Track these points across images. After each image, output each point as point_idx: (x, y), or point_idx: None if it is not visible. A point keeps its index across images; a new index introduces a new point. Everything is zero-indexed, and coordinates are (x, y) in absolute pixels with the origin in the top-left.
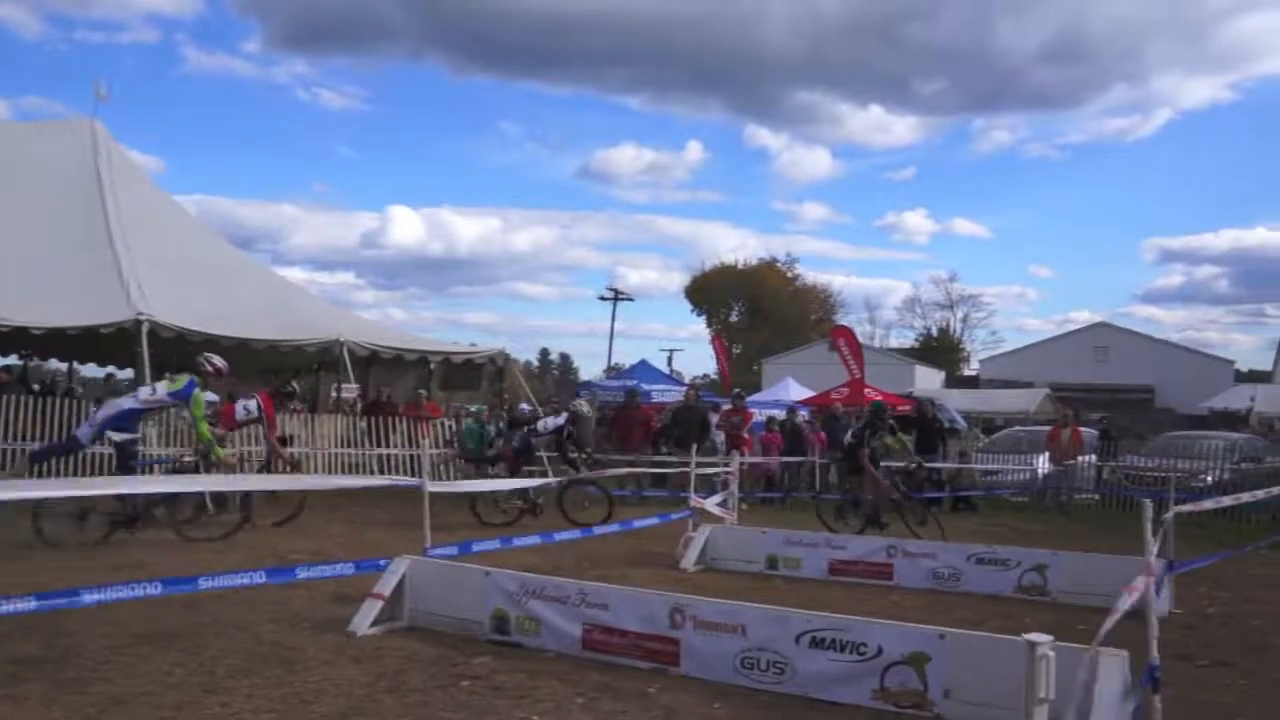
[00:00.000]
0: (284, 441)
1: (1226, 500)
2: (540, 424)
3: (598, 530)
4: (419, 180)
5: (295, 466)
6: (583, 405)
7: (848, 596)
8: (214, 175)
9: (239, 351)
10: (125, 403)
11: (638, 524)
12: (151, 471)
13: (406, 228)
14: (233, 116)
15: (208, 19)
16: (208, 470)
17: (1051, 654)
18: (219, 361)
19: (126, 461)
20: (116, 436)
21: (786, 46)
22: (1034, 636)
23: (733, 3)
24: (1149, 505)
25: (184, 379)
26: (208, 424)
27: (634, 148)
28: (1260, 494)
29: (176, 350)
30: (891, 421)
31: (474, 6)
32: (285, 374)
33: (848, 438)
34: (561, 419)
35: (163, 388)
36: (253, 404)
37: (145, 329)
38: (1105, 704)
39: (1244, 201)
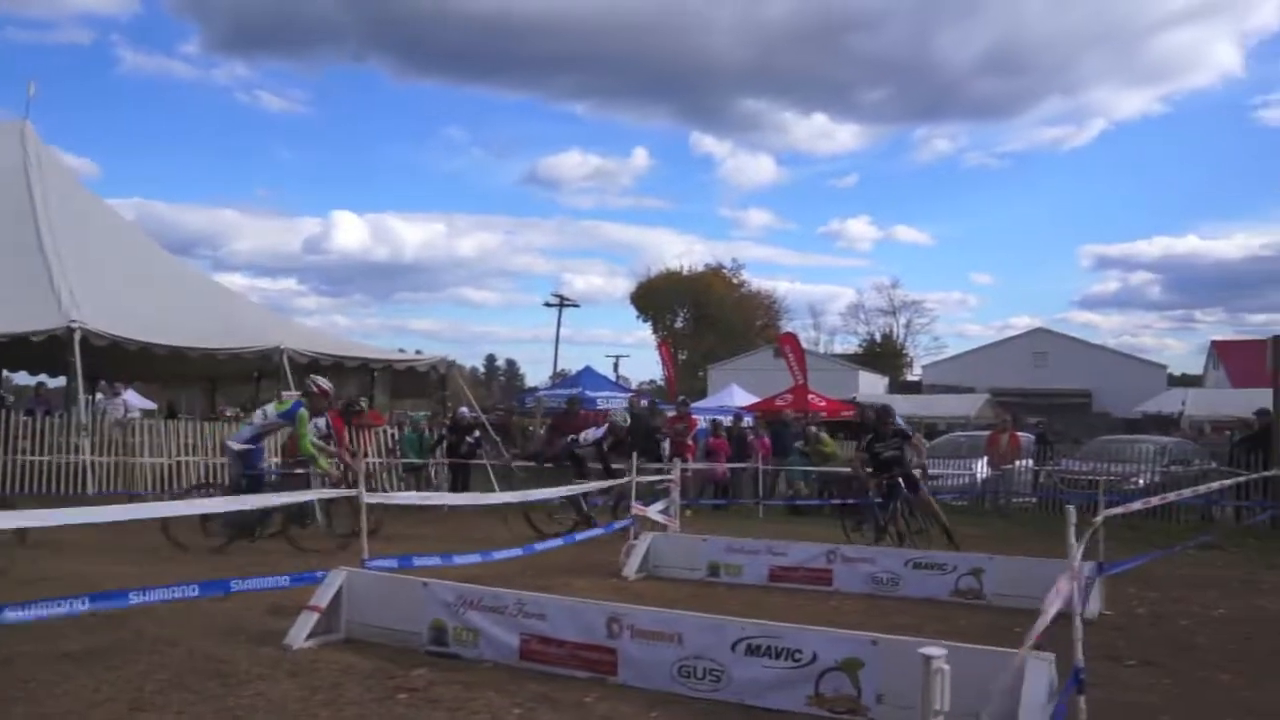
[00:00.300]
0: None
1: (1154, 501)
2: (582, 435)
3: (540, 547)
4: (363, 185)
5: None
6: (618, 416)
7: (788, 603)
8: (151, 179)
9: (175, 360)
10: (246, 432)
11: (580, 536)
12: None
13: (350, 233)
14: (170, 119)
15: (144, 19)
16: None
17: (946, 667)
18: (324, 383)
19: (249, 476)
20: (236, 445)
21: (732, 55)
22: (929, 650)
23: (678, 11)
24: (1073, 511)
25: (290, 400)
26: (310, 440)
27: (580, 154)
28: (1187, 494)
29: (110, 358)
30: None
31: (417, 10)
32: (351, 392)
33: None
34: (601, 431)
35: (271, 410)
36: (321, 422)
37: (77, 337)
38: (1030, 706)
39: (1175, 210)
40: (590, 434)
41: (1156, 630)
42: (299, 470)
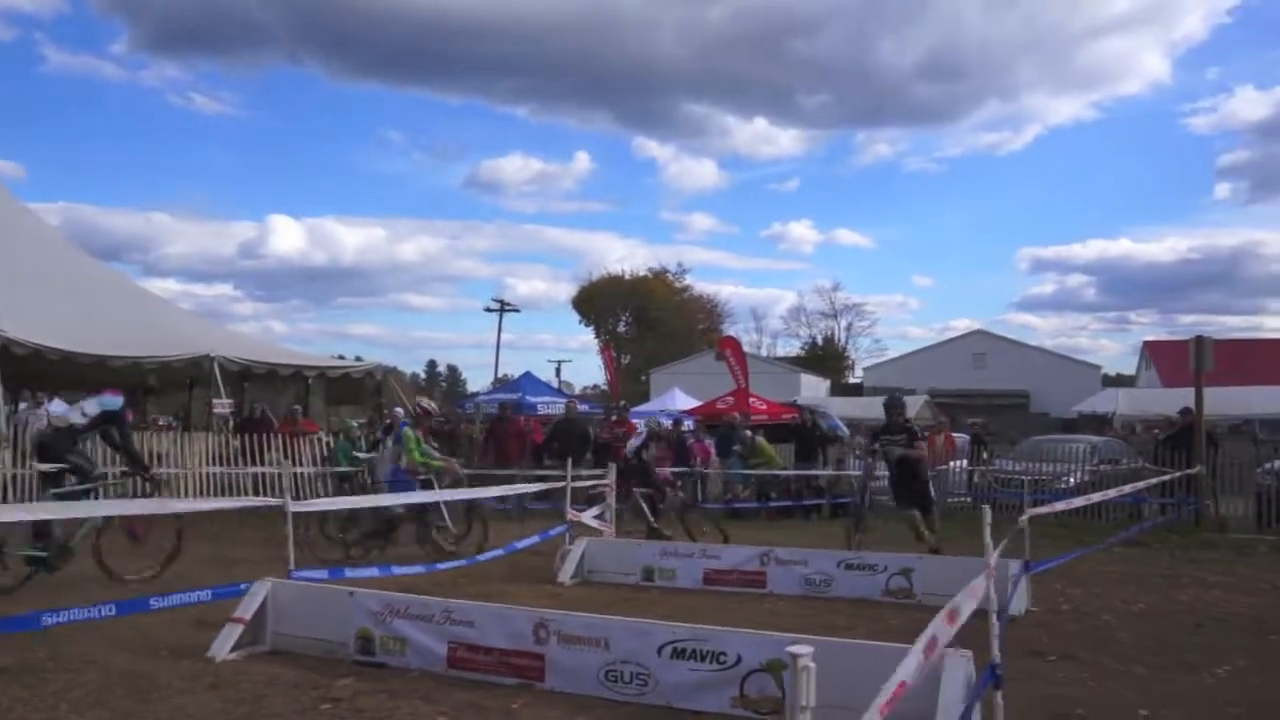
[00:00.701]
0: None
1: (1078, 502)
2: (628, 446)
3: (483, 558)
4: (301, 189)
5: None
6: (653, 423)
7: (721, 605)
8: (79, 182)
9: (100, 369)
10: (389, 469)
11: (521, 545)
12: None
13: (287, 237)
14: (99, 121)
15: (69, 18)
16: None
17: (812, 665)
18: (427, 403)
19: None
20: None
21: (673, 58)
22: (796, 648)
23: (619, 14)
24: (988, 511)
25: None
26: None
27: (521, 158)
28: (1111, 493)
29: (32, 368)
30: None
31: (353, 11)
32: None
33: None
34: (640, 439)
35: (389, 441)
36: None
37: None
38: (948, 702)
39: (1109, 214)
40: (632, 443)
41: (1079, 625)
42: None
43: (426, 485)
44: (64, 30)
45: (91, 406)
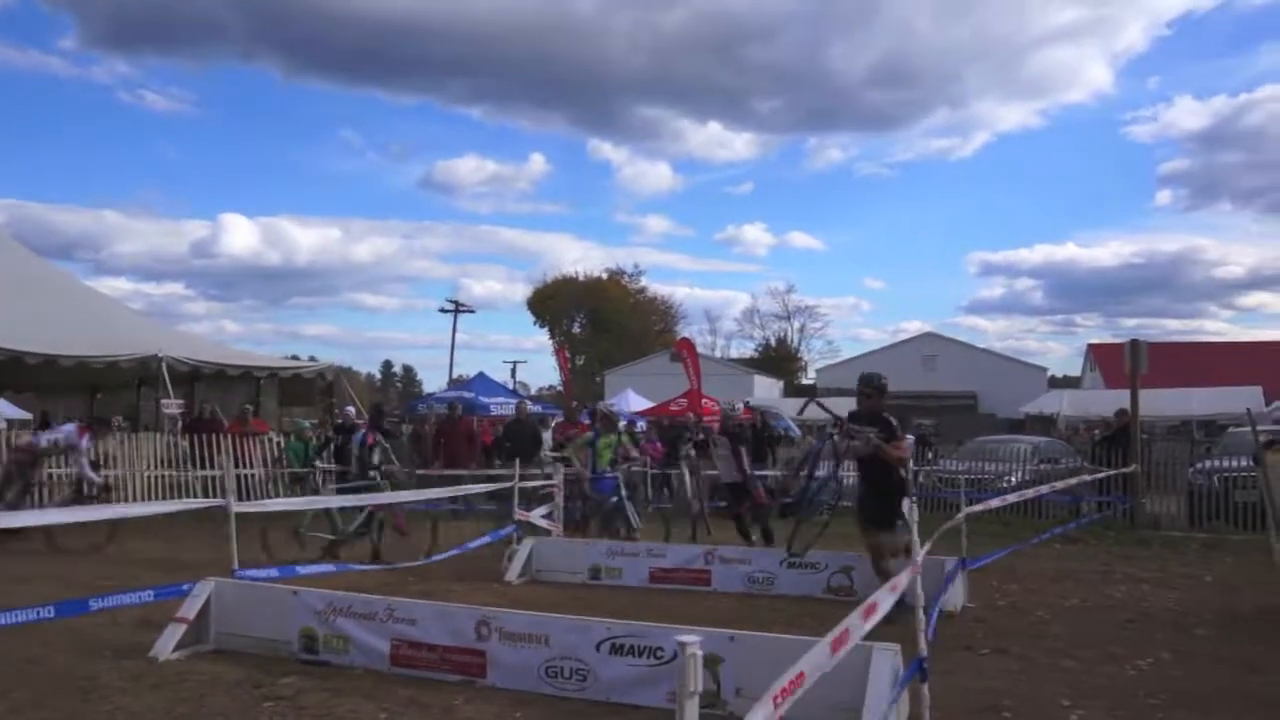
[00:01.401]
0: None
1: (1012, 498)
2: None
3: (437, 558)
4: (254, 188)
5: (106, 490)
6: (727, 405)
7: (666, 603)
8: (26, 179)
9: (48, 369)
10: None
11: (473, 545)
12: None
13: (240, 236)
14: (46, 117)
15: (15, 12)
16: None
17: (700, 653)
18: (603, 407)
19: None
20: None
21: (628, 62)
22: (685, 637)
23: (574, 17)
24: (913, 510)
25: (588, 435)
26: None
27: (477, 159)
28: (1045, 489)
29: None
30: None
31: (306, 9)
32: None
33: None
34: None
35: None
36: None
37: None
38: (875, 694)
39: (1055, 219)
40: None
41: (1013, 620)
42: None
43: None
44: (10, 25)
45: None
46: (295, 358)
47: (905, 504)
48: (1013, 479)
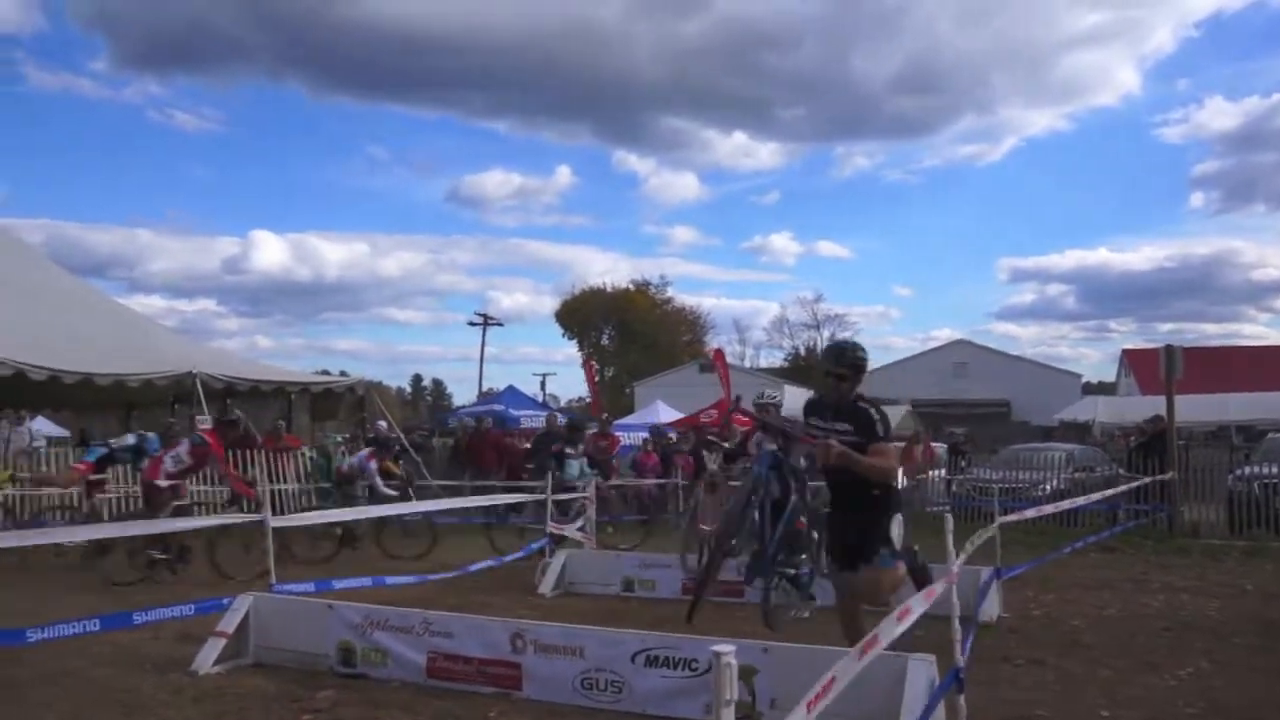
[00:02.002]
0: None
1: (1048, 508)
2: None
3: (474, 568)
4: (283, 205)
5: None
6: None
7: (700, 615)
8: (61, 200)
9: (85, 388)
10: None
11: (509, 559)
12: None
13: (270, 253)
14: (80, 138)
15: (48, 36)
16: None
17: (734, 663)
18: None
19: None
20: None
21: (651, 73)
22: (720, 647)
23: (596, 29)
24: (949, 519)
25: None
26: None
27: (502, 172)
28: (1081, 501)
29: (16, 388)
30: None
31: (332, 27)
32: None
33: None
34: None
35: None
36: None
37: None
38: (910, 704)
39: (1086, 224)
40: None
41: (1049, 631)
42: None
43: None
44: (44, 48)
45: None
46: (326, 372)
47: (895, 527)
48: (1047, 487)
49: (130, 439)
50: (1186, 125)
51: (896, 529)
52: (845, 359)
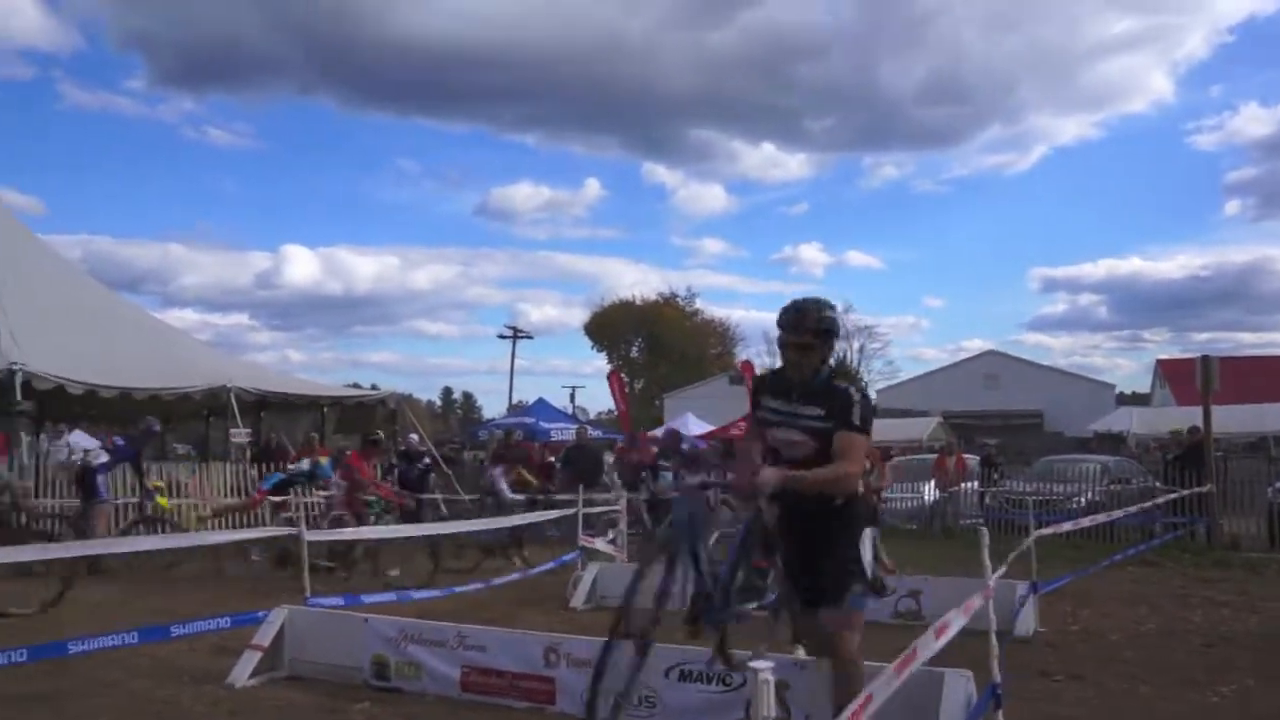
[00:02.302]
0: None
1: (1085, 521)
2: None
3: (498, 581)
4: (314, 218)
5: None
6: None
7: (733, 629)
8: (98, 215)
9: (122, 402)
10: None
11: (535, 571)
12: None
13: (302, 267)
14: (116, 155)
15: (87, 55)
16: None
17: (771, 679)
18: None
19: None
20: None
21: (679, 85)
22: (757, 663)
23: (623, 41)
24: (985, 533)
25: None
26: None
27: (531, 185)
28: (1118, 513)
29: (55, 401)
30: None
31: (361, 43)
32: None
33: None
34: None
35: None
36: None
37: (19, 379)
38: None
39: (1118, 233)
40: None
41: (1087, 645)
42: None
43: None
44: (81, 67)
45: None
46: (357, 385)
47: (867, 548)
48: (1082, 500)
49: (304, 465)
50: (1221, 132)
51: (868, 551)
52: (807, 322)
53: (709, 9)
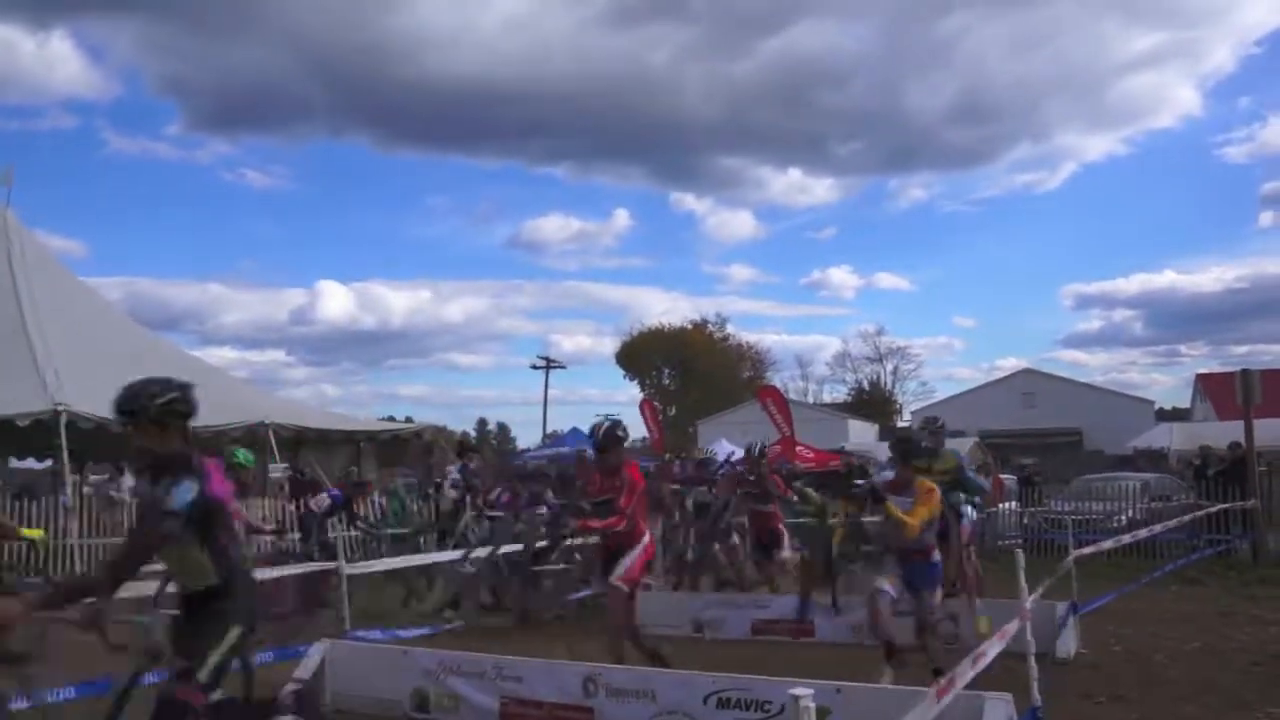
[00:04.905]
0: None
1: (1126, 539)
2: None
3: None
4: (347, 255)
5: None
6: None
7: (769, 654)
8: (138, 257)
9: None
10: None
11: (573, 597)
12: None
13: (336, 303)
14: (155, 198)
15: (126, 102)
16: None
17: (812, 706)
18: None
19: None
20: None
21: (703, 113)
22: (797, 690)
23: (647, 72)
24: (1020, 555)
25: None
26: None
27: (561, 217)
28: (1158, 528)
29: (96, 440)
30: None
31: (392, 83)
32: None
33: None
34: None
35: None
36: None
37: (63, 419)
38: None
39: (1150, 247)
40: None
41: (1130, 666)
42: None
43: None
44: (122, 114)
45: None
46: (392, 418)
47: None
48: (1122, 518)
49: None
50: (1252, 144)
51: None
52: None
53: (730, 40)
